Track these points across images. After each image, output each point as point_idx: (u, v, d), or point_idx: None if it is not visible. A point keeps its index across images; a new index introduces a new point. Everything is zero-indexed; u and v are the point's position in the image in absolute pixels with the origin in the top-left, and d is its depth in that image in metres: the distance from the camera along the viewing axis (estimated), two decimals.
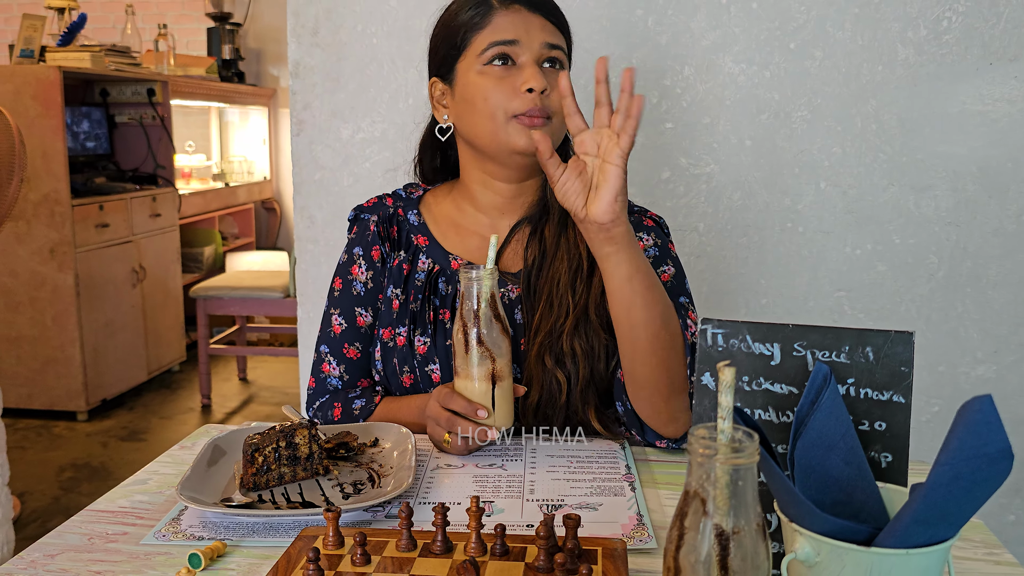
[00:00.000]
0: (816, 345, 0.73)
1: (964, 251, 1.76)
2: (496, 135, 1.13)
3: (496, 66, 1.13)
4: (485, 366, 1.04)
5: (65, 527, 0.90)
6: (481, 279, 1.03)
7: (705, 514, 0.56)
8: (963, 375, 1.81)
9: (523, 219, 1.22)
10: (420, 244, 1.24)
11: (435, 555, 0.77)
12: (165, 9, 5.55)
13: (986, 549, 0.85)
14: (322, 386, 1.25)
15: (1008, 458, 0.53)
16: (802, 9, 1.70)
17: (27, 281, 3.70)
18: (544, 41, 1.13)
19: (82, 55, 3.80)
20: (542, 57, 1.13)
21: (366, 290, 1.24)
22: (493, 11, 1.14)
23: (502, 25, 1.13)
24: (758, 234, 1.80)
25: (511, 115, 1.12)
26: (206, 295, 4.01)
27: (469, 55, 1.15)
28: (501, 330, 1.05)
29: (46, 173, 3.62)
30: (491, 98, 1.12)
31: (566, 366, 1.14)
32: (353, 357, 1.24)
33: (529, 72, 1.11)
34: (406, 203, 1.28)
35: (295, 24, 1.84)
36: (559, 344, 1.14)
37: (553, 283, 1.16)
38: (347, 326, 1.24)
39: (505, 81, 1.12)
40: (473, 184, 1.22)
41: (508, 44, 1.12)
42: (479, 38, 1.14)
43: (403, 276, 1.22)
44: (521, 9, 1.14)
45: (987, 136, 1.71)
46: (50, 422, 3.78)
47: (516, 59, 1.13)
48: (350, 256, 1.26)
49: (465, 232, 1.24)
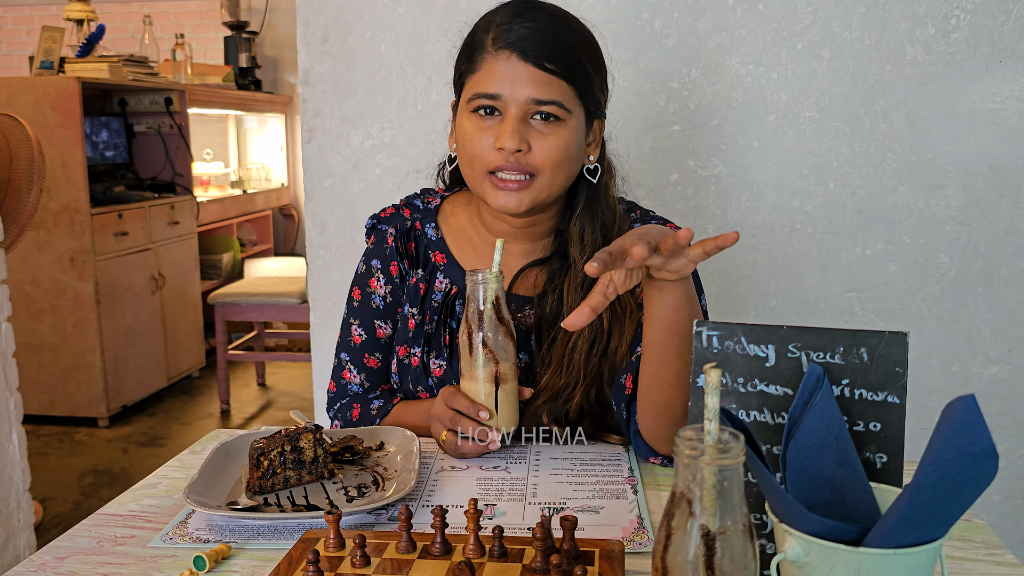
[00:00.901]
0: (810, 346, 0.73)
1: (975, 250, 1.74)
2: (474, 185, 1.11)
3: (480, 115, 1.08)
4: (489, 368, 1.05)
5: (75, 530, 0.92)
6: (487, 282, 1.04)
7: (692, 515, 0.56)
8: (976, 375, 1.80)
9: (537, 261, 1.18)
10: (438, 262, 1.22)
11: (434, 557, 0.78)
12: (183, 19, 5.61)
13: (987, 550, 0.85)
14: (343, 391, 1.26)
15: (992, 457, 0.53)
16: (809, 10, 1.70)
17: (48, 289, 3.76)
18: (531, 96, 1.05)
19: (100, 66, 3.85)
20: (529, 112, 1.06)
21: (385, 304, 1.24)
22: (485, 55, 1.08)
23: (488, 75, 1.07)
24: (767, 235, 1.79)
25: (487, 170, 1.08)
26: (224, 301, 4.05)
27: (463, 95, 1.11)
28: (505, 333, 1.05)
29: (66, 182, 3.67)
30: (470, 149, 1.08)
31: (564, 421, 1.14)
32: (373, 366, 1.25)
33: (505, 128, 1.05)
34: (423, 215, 1.24)
35: (305, 32, 1.86)
36: (565, 407, 1.13)
37: (568, 348, 1.12)
38: (367, 337, 1.24)
39: (485, 133, 1.07)
40: (483, 210, 1.18)
41: (490, 98, 1.06)
42: (470, 82, 1.09)
43: (419, 296, 1.21)
44: (512, 57, 1.05)
45: (997, 134, 1.70)
46: (71, 428, 3.83)
47: (502, 110, 1.07)
48: (368, 268, 1.25)
49: (482, 252, 1.21)
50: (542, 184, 1.08)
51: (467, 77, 1.10)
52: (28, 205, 2.55)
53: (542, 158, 1.06)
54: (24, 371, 2.73)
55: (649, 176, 1.79)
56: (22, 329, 3.68)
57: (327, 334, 1.98)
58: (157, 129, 4.48)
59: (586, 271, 0.82)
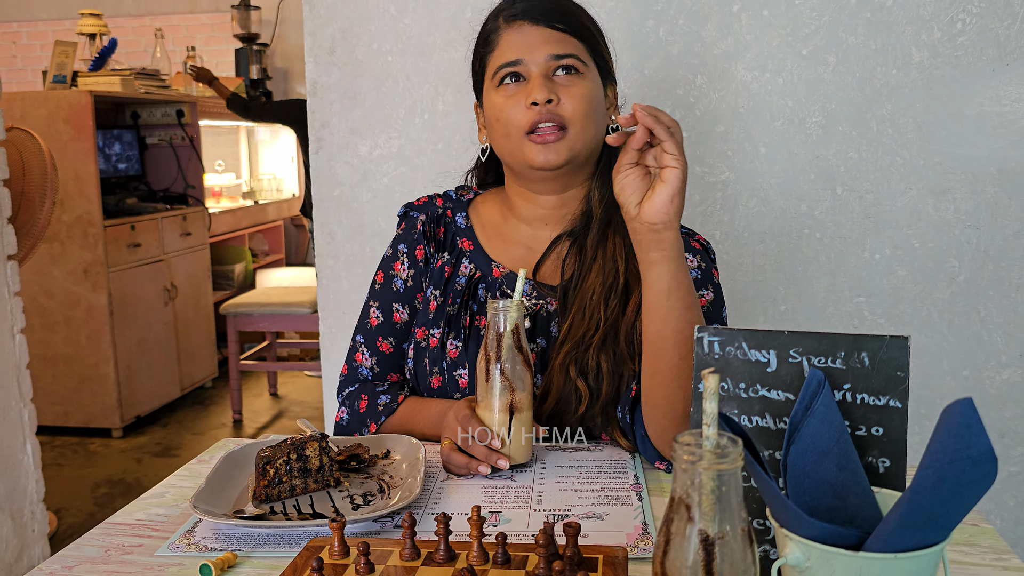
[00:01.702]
0: (811, 351, 0.73)
1: (985, 254, 1.74)
2: (514, 153, 1.15)
3: (507, 84, 1.14)
4: (505, 397, 1.04)
5: (83, 539, 0.92)
6: (508, 310, 1.04)
7: (690, 520, 0.56)
8: (988, 379, 1.79)
9: (564, 232, 1.22)
10: (464, 248, 1.26)
11: (438, 564, 0.78)
12: (194, 32, 5.66)
13: (995, 555, 0.84)
14: (354, 374, 1.28)
15: (991, 460, 0.53)
16: (813, 15, 1.70)
17: (62, 301, 3.79)
18: (549, 53, 1.13)
19: (113, 79, 3.89)
20: (551, 68, 1.13)
21: (406, 287, 1.27)
22: (500, 32, 1.16)
23: (506, 46, 1.15)
24: (775, 241, 1.79)
25: (523, 131, 1.12)
26: (236, 312, 4.07)
27: (487, 78, 1.18)
28: (523, 362, 1.05)
29: (79, 195, 3.71)
30: (503, 116, 1.14)
31: (588, 379, 1.14)
32: (386, 351, 1.27)
33: (532, 84, 1.12)
34: (456, 205, 1.30)
35: (312, 44, 1.88)
36: (585, 356, 1.14)
37: (587, 294, 1.16)
38: (383, 320, 1.27)
39: (515, 98, 1.13)
40: (515, 197, 1.24)
41: (512, 65, 1.14)
42: (491, 61, 1.17)
43: (444, 278, 1.24)
44: (524, 25, 1.14)
45: (1006, 137, 1.69)
46: (86, 439, 3.86)
47: (526, 75, 1.13)
48: (395, 251, 1.29)
49: (509, 241, 1.25)
50: (575, 135, 1.13)
51: (487, 59, 1.18)
52: (41, 218, 2.57)
53: (571, 108, 1.12)
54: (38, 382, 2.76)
55: None
56: (36, 341, 3.71)
57: (337, 343, 1.99)
58: (169, 141, 4.52)
59: (607, 141, 0.99)
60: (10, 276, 2.29)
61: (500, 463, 1.03)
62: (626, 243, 1.16)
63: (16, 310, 2.31)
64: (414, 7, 1.82)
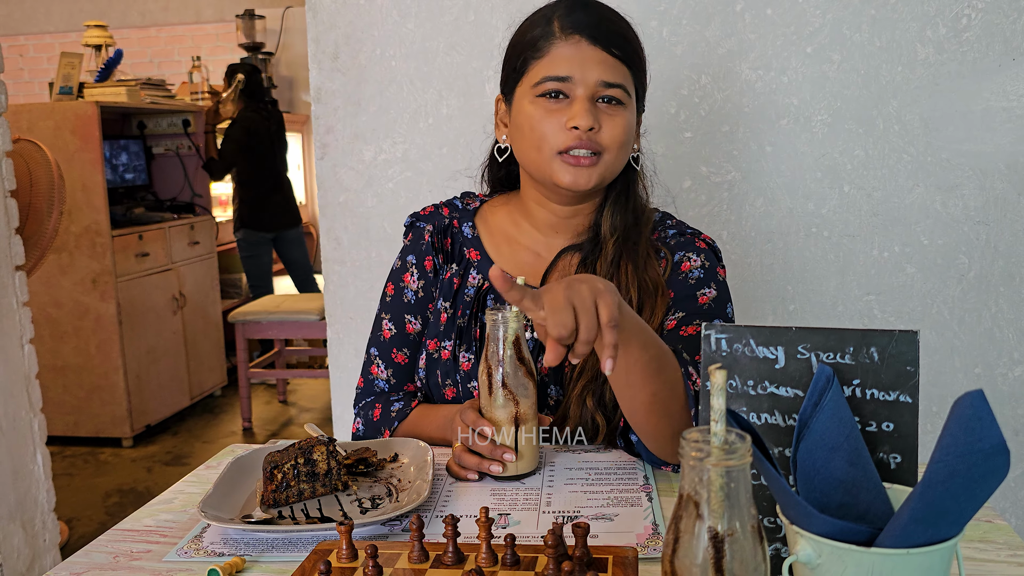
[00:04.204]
0: (820, 347, 0.73)
1: (995, 250, 1.72)
2: (541, 167, 1.13)
3: (548, 99, 1.11)
4: (508, 409, 1.03)
5: (92, 546, 0.92)
6: (507, 320, 1.02)
7: (699, 517, 0.56)
8: (1000, 376, 1.77)
9: (572, 246, 1.21)
10: (472, 258, 1.25)
11: (447, 566, 0.78)
12: (199, 42, 5.69)
13: (1009, 551, 0.83)
14: (370, 387, 1.28)
15: (1003, 453, 0.52)
16: (817, 13, 1.69)
17: (71, 311, 3.80)
18: (600, 79, 1.09)
19: (119, 90, 3.91)
20: (597, 94, 1.10)
21: (417, 299, 1.26)
22: (553, 40, 1.11)
23: (558, 58, 1.10)
24: (782, 240, 1.78)
25: (556, 151, 1.11)
26: (245, 320, 4.07)
27: (525, 82, 1.14)
28: (526, 373, 1.04)
29: (86, 205, 3.72)
30: (538, 130, 1.11)
31: (607, 410, 1.14)
32: (401, 362, 1.27)
33: (577, 108, 1.08)
34: (462, 215, 1.28)
35: (316, 50, 1.88)
36: (603, 389, 1.14)
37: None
38: (396, 332, 1.26)
39: (554, 115, 1.10)
40: (529, 201, 1.23)
41: (561, 80, 1.09)
42: (536, 67, 1.12)
43: (453, 290, 1.24)
44: (581, 41, 1.09)
45: (1014, 132, 1.68)
46: (96, 449, 3.87)
47: (569, 94, 1.10)
48: (404, 263, 1.28)
49: (518, 247, 1.24)
50: (608, 162, 1.12)
51: (531, 63, 1.13)
52: (49, 228, 2.58)
53: (609, 137, 1.11)
54: (48, 393, 2.77)
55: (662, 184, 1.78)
56: (46, 351, 3.73)
57: (344, 349, 1.99)
58: (175, 151, 4.53)
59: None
60: (18, 286, 2.30)
61: (506, 456, 1.02)
62: (636, 270, 1.16)
63: (25, 320, 2.31)
64: (417, 12, 1.82)
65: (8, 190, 2.28)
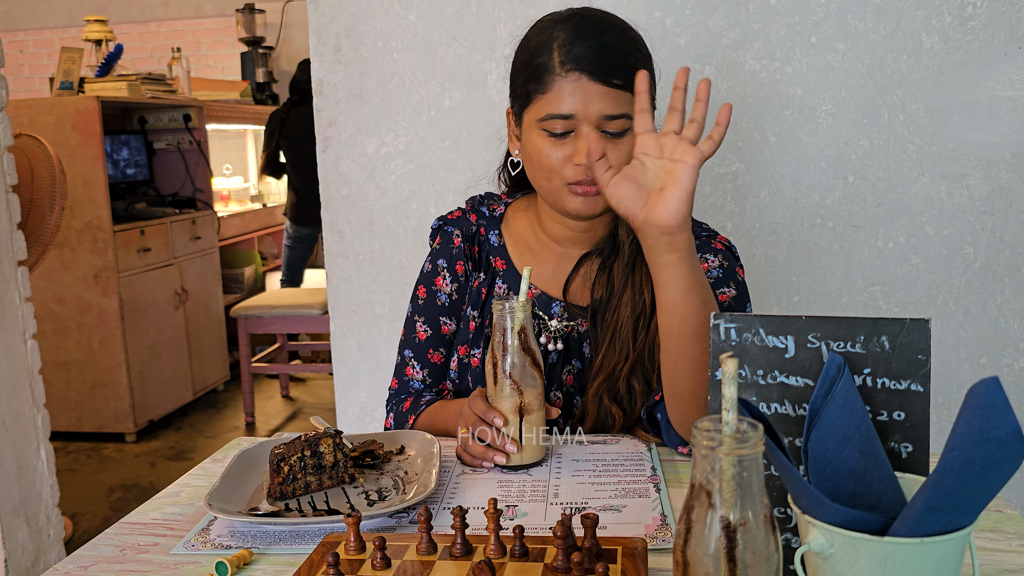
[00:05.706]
0: (830, 336, 0.72)
1: (1001, 240, 1.72)
2: (552, 194, 1.14)
3: (554, 136, 1.10)
4: (514, 399, 1.03)
5: (99, 539, 0.92)
6: (513, 311, 1.03)
7: (711, 507, 0.55)
8: (1007, 367, 1.77)
9: (591, 252, 1.22)
10: (498, 268, 1.26)
11: (455, 558, 0.77)
12: (200, 36, 5.68)
13: (1020, 540, 0.83)
14: (404, 387, 1.29)
15: (1019, 441, 0.52)
16: (822, 2, 1.68)
17: (73, 307, 3.80)
18: (603, 113, 1.08)
19: (119, 85, 3.89)
20: (601, 126, 1.09)
21: (451, 301, 1.27)
22: (554, 78, 1.09)
23: (560, 96, 1.09)
24: (787, 231, 1.78)
25: (565, 182, 1.11)
26: (247, 315, 4.07)
27: (531, 112, 1.13)
28: (531, 363, 1.04)
29: (88, 200, 3.71)
30: (546, 164, 1.11)
31: (623, 403, 1.17)
32: (437, 362, 1.28)
33: (582, 144, 1.08)
34: (488, 222, 1.29)
35: (317, 43, 1.87)
36: (617, 385, 1.16)
37: (617, 325, 1.17)
38: (432, 333, 1.28)
39: (560, 149, 1.10)
40: (545, 216, 1.23)
41: (564, 119, 1.09)
42: (539, 101, 1.11)
43: (480, 300, 1.25)
44: (582, 78, 1.08)
45: (1019, 122, 1.67)
46: (100, 444, 3.87)
47: (574, 128, 1.09)
48: (435, 267, 1.29)
49: (541, 258, 1.25)
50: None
51: (535, 96, 1.11)
52: (51, 223, 2.58)
53: (616, 164, 1.09)
54: (52, 388, 2.77)
55: None
56: (49, 347, 3.72)
57: (348, 342, 1.98)
58: (177, 145, 4.53)
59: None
60: (21, 282, 2.29)
61: (508, 447, 1.03)
62: None
63: (27, 316, 2.31)
64: (418, 4, 1.81)
65: (10, 185, 2.28)
